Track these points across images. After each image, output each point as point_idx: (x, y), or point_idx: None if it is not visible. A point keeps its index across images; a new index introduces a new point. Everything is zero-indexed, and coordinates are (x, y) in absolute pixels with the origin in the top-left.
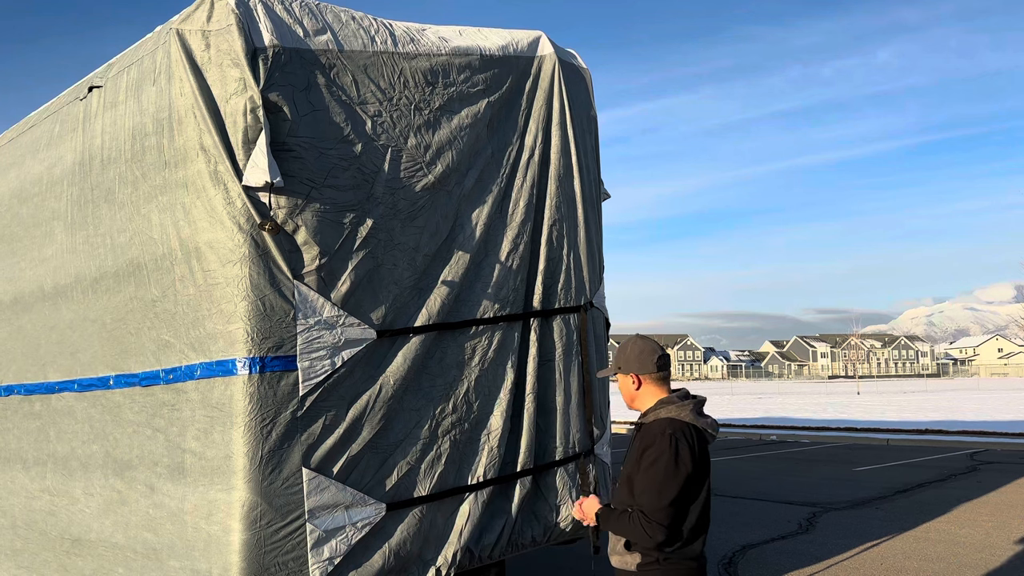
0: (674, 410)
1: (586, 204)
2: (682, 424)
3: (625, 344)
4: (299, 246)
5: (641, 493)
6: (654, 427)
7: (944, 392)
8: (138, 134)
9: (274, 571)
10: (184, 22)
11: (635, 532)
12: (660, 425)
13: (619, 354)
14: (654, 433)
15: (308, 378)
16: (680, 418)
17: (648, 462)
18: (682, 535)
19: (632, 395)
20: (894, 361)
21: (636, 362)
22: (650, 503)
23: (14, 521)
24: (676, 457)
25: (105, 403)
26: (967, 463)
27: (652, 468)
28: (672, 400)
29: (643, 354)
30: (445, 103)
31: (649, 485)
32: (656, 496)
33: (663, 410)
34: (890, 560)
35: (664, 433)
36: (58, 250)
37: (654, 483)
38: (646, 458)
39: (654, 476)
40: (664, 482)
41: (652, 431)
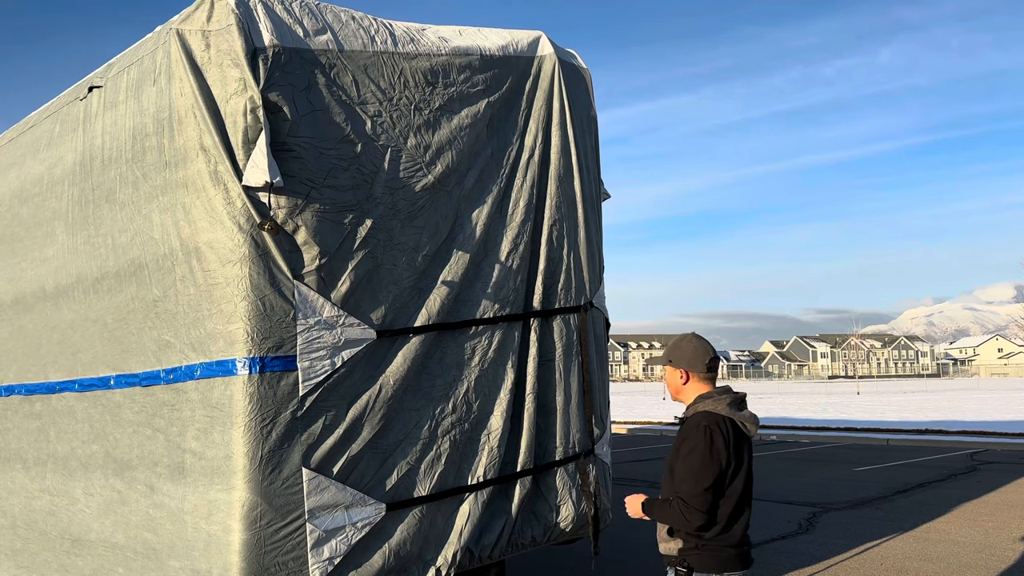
0: (711, 404)
1: (586, 204)
2: (718, 416)
3: (681, 340)
4: (299, 246)
5: (680, 481)
6: (692, 420)
7: (944, 392)
8: (138, 134)
9: (274, 571)
10: (184, 22)
11: (675, 518)
12: (697, 418)
13: (674, 348)
14: (691, 426)
15: (308, 378)
16: (716, 411)
17: (685, 452)
18: (719, 521)
19: (678, 388)
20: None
21: (688, 360)
22: (688, 490)
23: (14, 521)
24: (711, 447)
25: (105, 403)
26: (967, 463)
27: (689, 457)
28: (711, 395)
29: (696, 354)
30: (445, 103)
31: (687, 473)
32: (694, 484)
33: (701, 404)
34: (890, 560)
35: (699, 425)
36: (59, 250)
37: (691, 471)
38: (683, 448)
39: (691, 465)
40: (700, 470)
41: (690, 424)
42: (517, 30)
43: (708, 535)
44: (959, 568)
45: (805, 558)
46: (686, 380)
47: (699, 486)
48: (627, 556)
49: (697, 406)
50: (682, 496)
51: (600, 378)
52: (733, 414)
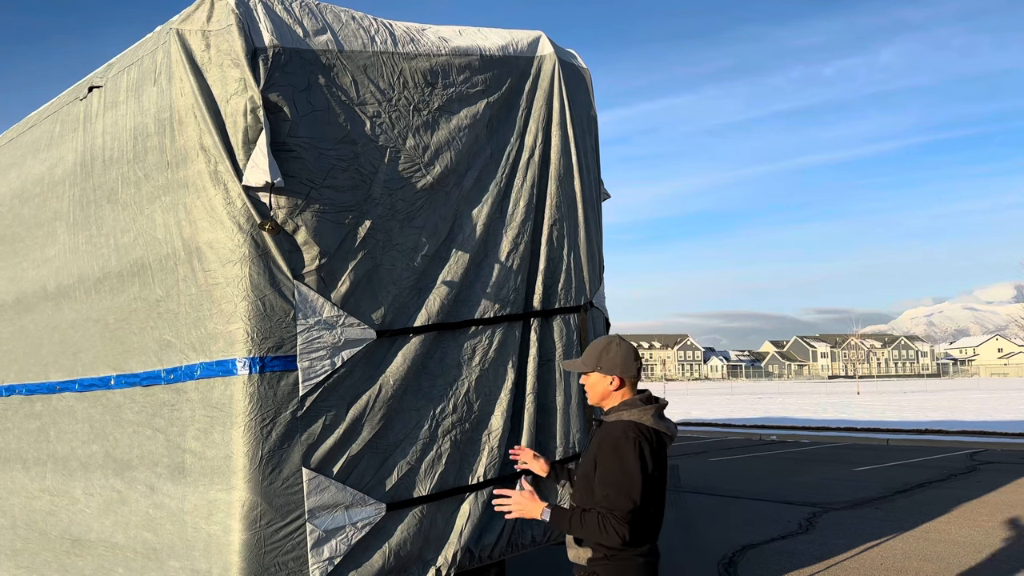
0: (636, 413)
1: (586, 204)
2: (644, 427)
3: (608, 345)
4: (299, 246)
5: (607, 496)
6: (617, 428)
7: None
8: (139, 134)
9: (274, 571)
10: (184, 22)
11: (597, 532)
12: (623, 427)
13: (601, 354)
14: (617, 435)
15: (308, 378)
16: (642, 422)
17: (614, 464)
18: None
19: (606, 393)
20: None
21: (621, 365)
22: (617, 504)
23: (14, 521)
24: (641, 461)
25: (105, 403)
26: (967, 463)
27: (619, 470)
28: (636, 403)
29: (628, 359)
30: (444, 103)
31: (615, 488)
32: (624, 498)
33: (626, 412)
34: (890, 560)
35: (628, 436)
36: (60, 250)
37: (620, 486)
38: (611, 459)
39: (620, 478)
40: (631, 484)
41: (615, 432)
42: (517, 30)
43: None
44: (959, 568)
45: (805, 558)
46: (618, 386)
47: (629, 502)
48: None
49: (622, 414)
50: (609, 509)
51: None
52: (658, 424)
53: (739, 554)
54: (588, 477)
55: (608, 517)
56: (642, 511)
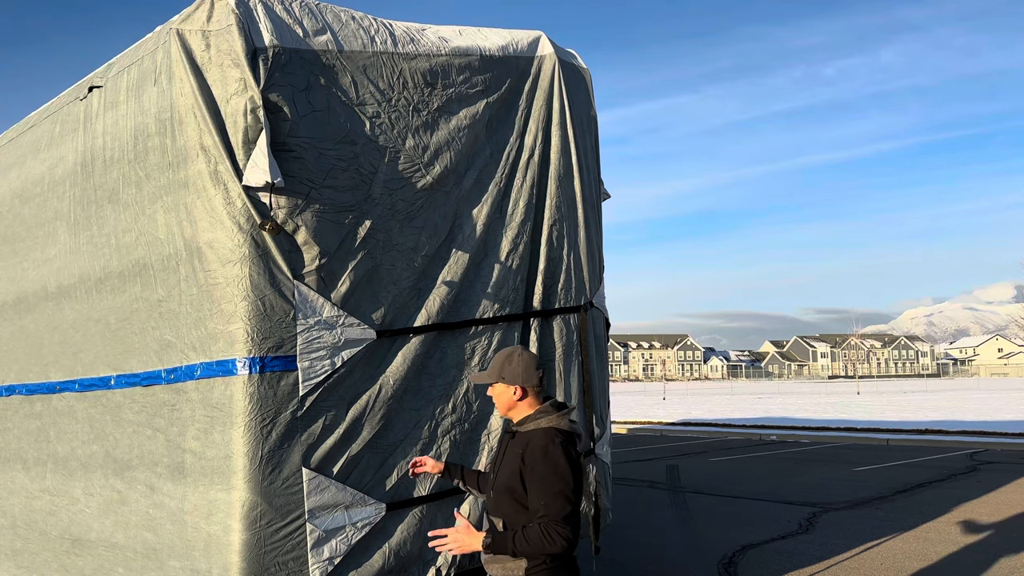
0: (555, 419)
1: (586, 204)
2: (565, 432)
3: (510, 355)
4: (299, 246)
5: (545, 504)
6: (539, 437)
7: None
8: (140, 134)
9: (274, 571)
10: (184, 22)
11: (547, 542)
12: (546, 434)
13: (503, 365)
14: (544, 443)
15: (308, 378)
16: (560, 427)
17: (546, 470)
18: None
19: (511, 404)
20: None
21: (523, 375)
22: (557, 509)
23: (14, 521)
24: (570, 463)
25: (106, 403)
26: (967, 463)
27: (553, 476)
28: (549, 410)
29: (529, 368)
30: (444, 104)
31: (552, 494)
32: (563, 501)
33: (543, 419)
34: (890, 560)
35: (554, 442)
36: (61, 250)
37: (557, 492)
38: (543, 467)
39: (556, 483)
40: (566, 487)
41: (539, 441)
42: (517, 30)
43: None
44: (959, 568)
45: (805, 558)
46: (521, 396)
47: (568, 504)
48: (627, 556)
49: (539, 421)
50: (550, 517)
51: (600, 378)
52: (573, 428)
53: (739, 554)
54: (512, 490)
55: (550, 525)
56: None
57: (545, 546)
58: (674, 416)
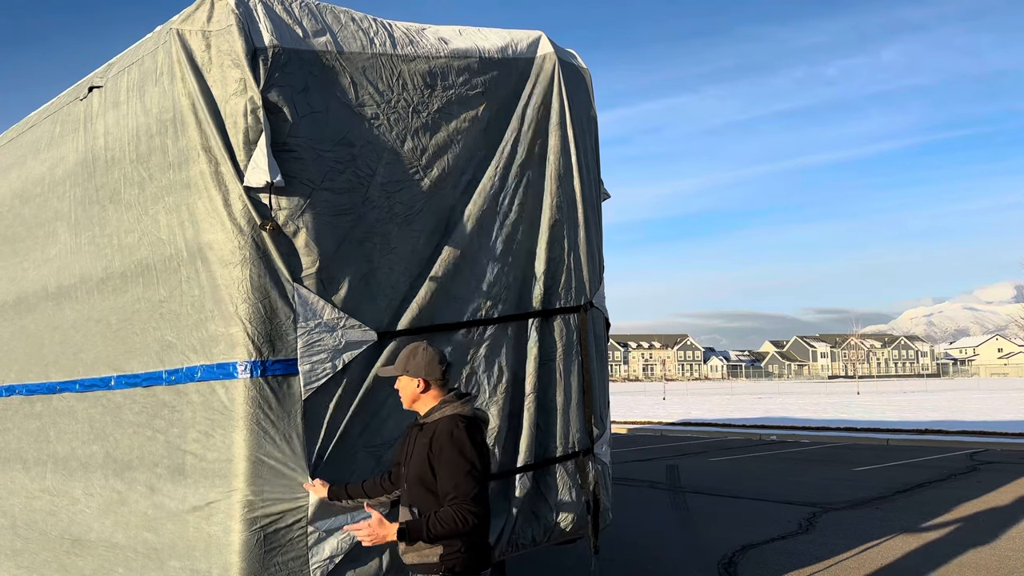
0: (458, 406)
1: (586, 204)
2: (469, 417)
3: (415, 350)
4: (299, 248)
5: (455, 486)
6: (444, 424)
7: (944, 392)
8: (143, 135)
9: (274, 571)
10: (184, 22)
11: (459, 522)
12: (452, 421)
13: (408, 358)
14: (449, 428)
15: (310, 381)
16: (464, 413)
17: (453, 453)
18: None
19: (415, 397)
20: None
21: (426, 368)
22: (466, 489)
23: (14, 521)
24: (475, 444)
25: (106, 404)
26: (967, 463)
27: (460, 457)
28: (452, 400)
29: (432, 363)
30: (443, 105)
31: (461, 475)
32: (472, 481)
33: (448, 408)
34: (890, 560)
35: (459, 426)
36: (62, 250)
37: (464, 472)
38: (450, 451)
39: (463, 465)
40: (473, 467)
41: (444, 428)
42: (517, 30)
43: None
44: (959, 568)
45: (805, 558)
46: (424, 389)
47: (476, 484)
48: (627, 556)
49: (444, 410)
50: (460, 498)
51: (600, 378)
52: (478, 415)
53: (739, 554)
54: (423, 479)
55: (461, 505)
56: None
57: (458, 525)
58: (674, 416)
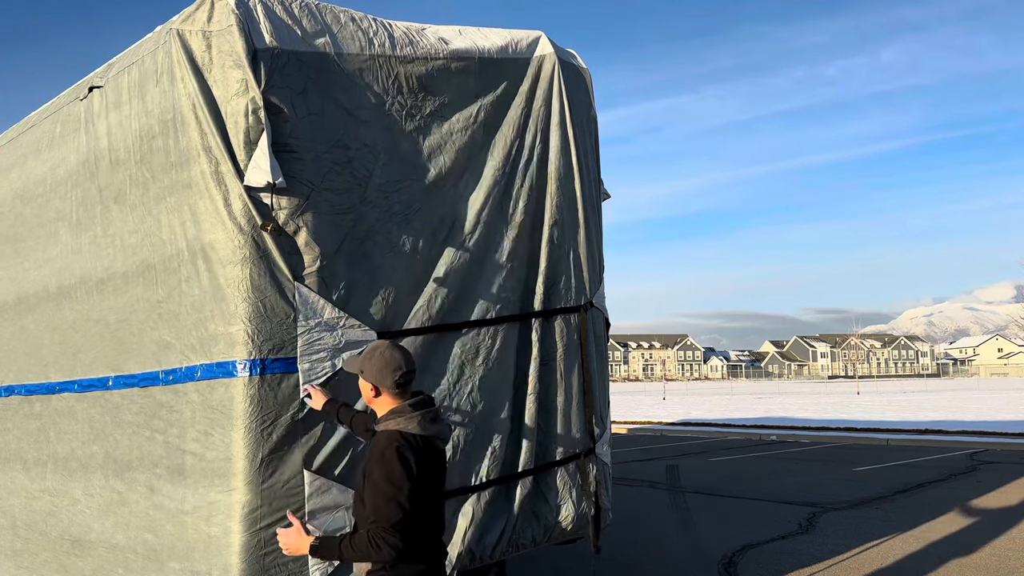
0: (403, 422)
1: (586, 204)
2: (408, 436)
3: (374, 350)
4: (299, 248)
5: (375, 508)
6: (382, 439)
7: (944, 392)
8: (145, 135)
9: (274, 572)
10: (184, 22)
11: (373, 549)
12: (387, 437)
13: (367, 358)
14: (383, 446)
15: (309, 380)
16: (408, 430)
17: (379, 475)
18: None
19: (369, 399)
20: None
21: (377, 375)
22: (385, 515)
23: (14, 521)
24: (405, 467)
25: (105, 404)
26: (967, 463)
27: (385, 482)
28: (404, 411)
29: (385, 370)
30: (439, 108)
31: (382, 497)
32: (393, 507)
33: (392, 421)
34: (890, 560)
35: (391, 446)
36: (63, 251)
37: (388, 495)
38: (375, 471)
39: (386, 488)
40: (398, 493)
41: (380, 444)
42: (517, 30)
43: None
44: (959, 568)
45: (805, 558)
46: (376, 394)
47: (398, 511)
48: (627, 556)
49: (388, 423)
50: (378, 523)
51: (600, 378)
52: (426, 430)
53: (739, 554)
54: (360, 493)
55: (378, 532)
56: (414, 521)
57: (371, 554)
58: (674, 416)
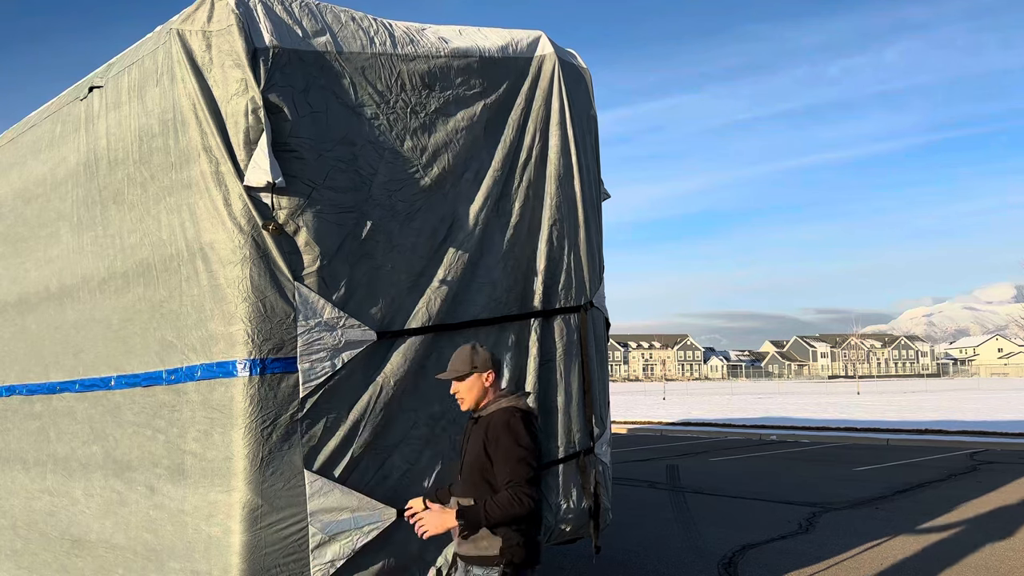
0: (513, 400)
1: (586, 204)
2: (525, 409)
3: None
4: (300, 247)
5: (511, 470)
6: (499, 415)
7: (944, 392)
8: (145, 135)
9: (275, 572)
10: (184, 22)
11: (516, 504)
12: (505, 412)
13: (471, 358)
14: (505, 419)
15: (308, 380)
16: (519, 406)
17: (509, 441)
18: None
19: (482, 390)
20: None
21: (491, 362)
22: (522, 473)
23: (14, 521)
24: (532, 434)
25: (105, 404)
26: (967, 463)
27: (515, 446)
28: (508, 394)
29: (490, 359)
30: (442, 105)
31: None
32: (526, 467)
33: (504, 401)
34: (890, 560)
35: (515, 416)
36: (64, 251)
37: (521, 457)
38: (505, 438)
39: (519, 451)
40: (529, 454)
41: (500, 418)
42: (517, 30)
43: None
44: (959, 568)
45: (805, 558)
46: (492, 381)
47: (530, 469)
48: (627, 556)
49: (500, 403)
50: (516, 482)
51: (600, 378)
52: (529, 406)
53: (739, 554)
54: (478, 468)
55: (517, 488)
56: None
57: (515, 507)
58: (674, 416)
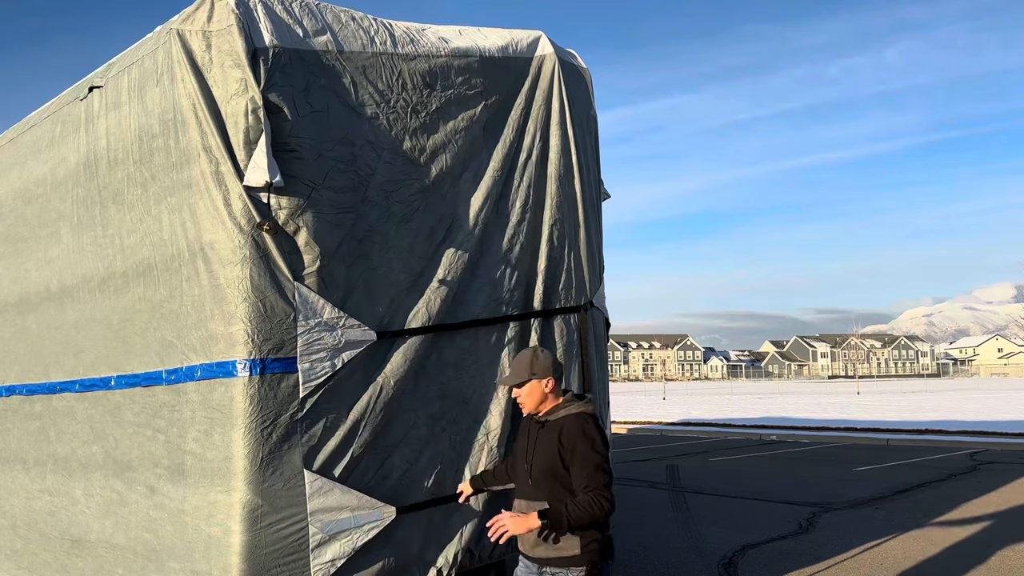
0: (583, 405)
1: (586, 204)
2: (595, 415)
3: (534, 353)
4: (299, 247)
5: (589, 476)
6: (574, 421)
7: (944, 392)
8: (145, 135)
9: (275, 572)
10: (184, 22)
11: (596, 507)
12: (579, 418)
13: (532, 363)
14: (580, 425)
15: (308, 380)
16: (588, 411)
17: (585, 448)
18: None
19: (542, 396)
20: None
21: (552, 368)
22: (599, 479)
23: (14, 521)
24: (604, 440)
25: (106, 404)
26: (967, 463)
27: (592, 452)
28: (575, 399)
29: (551, 364)
30: (442, 105)
31: (594, 467)
32: (603, 472)
33: (573, 406)
34: (890, 560)
35: (589, 423)
36: (64, 250)
37: (597, 465)
38: (583, 445)
39: (596, 458)
40: (605, 460)
41: (575, 425)
42: (517, 30)
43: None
44: (959, 568)
45: (805, 558)
46: (552, 387)
47: (606, 475)
48: (627, 556)
49: (570, 408)
50: (594, 487)
51: (600, 378)
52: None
53: (739, 554)
54: (551, 473)
55: (596, 492)
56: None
57: (595, 511)
58: (674, 416)
